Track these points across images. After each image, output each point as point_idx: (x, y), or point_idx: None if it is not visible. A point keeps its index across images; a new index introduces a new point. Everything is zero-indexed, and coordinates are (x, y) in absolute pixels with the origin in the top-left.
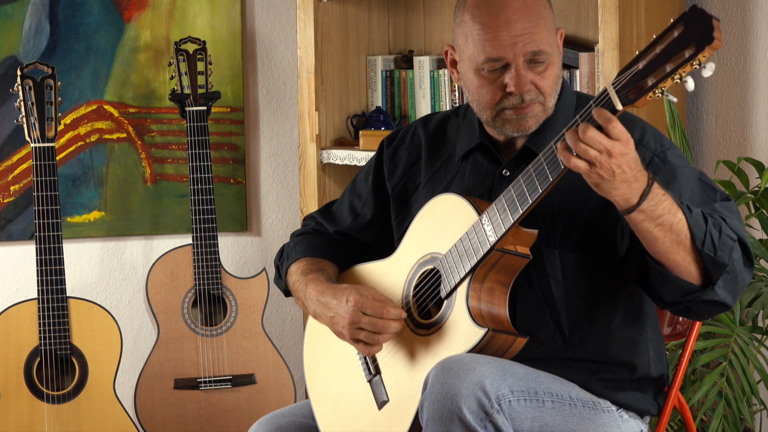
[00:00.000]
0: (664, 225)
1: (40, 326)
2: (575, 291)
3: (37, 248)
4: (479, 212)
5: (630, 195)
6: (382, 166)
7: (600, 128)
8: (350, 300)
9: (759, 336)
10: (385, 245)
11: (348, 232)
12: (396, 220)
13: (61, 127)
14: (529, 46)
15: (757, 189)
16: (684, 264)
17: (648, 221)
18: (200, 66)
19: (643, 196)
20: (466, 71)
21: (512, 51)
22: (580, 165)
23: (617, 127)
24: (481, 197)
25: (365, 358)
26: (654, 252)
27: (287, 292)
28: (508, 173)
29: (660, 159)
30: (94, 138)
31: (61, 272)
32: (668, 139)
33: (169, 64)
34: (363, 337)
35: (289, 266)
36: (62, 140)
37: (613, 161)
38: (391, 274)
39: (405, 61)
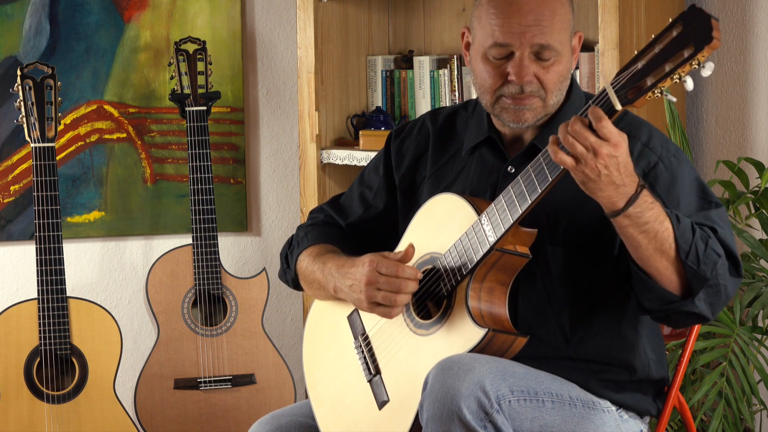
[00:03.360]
0: (649, 233)
1: (40, 326)
2: (577, 289)
3: (37, 248)
4: (478, 212)
5: (616, 199)
6: (390, 157)
7: (590, 126)
8: (365, 261)
9: (759, 336)
10: (396, 237)
11: (359, 224)
12: (402, 212)
13: (61, 127)
14: (537, 38)
15: (757, 189)
16: (666, 273)
17: (632, 227)
18: (200, 66)
19: (630, 202)
20: (475, 54)
21: (519, 39)
22: (565, 160)
23: (607, 127)
24: (485, 193)
25: (365, 357)
26: (637, 258)
27: (295, 282)
28: (513, 170)
29: (664, 164)
30: (94, 138)
31: (61, 272)
32: (675, 144)
33: (169, 64)
34: (380, 298)
35: (300, 253)
36: (62, 140)
37: (599, 161)
38: None
39: (405, 61)
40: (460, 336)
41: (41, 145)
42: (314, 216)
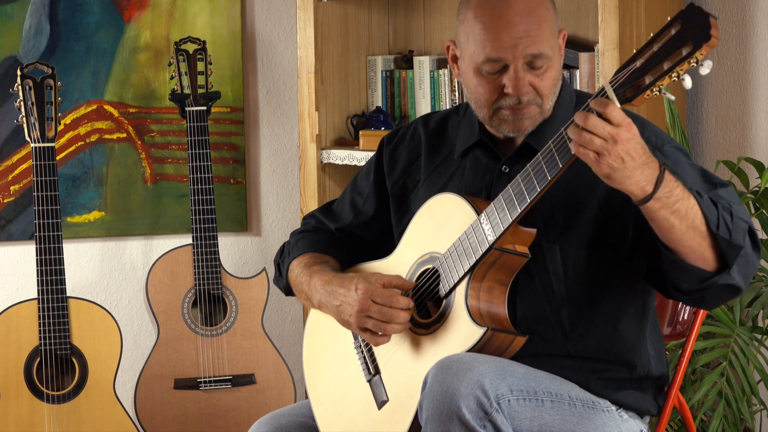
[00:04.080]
0: (680, 211)
1: (40, 326)
2: (576, 286)
3: (37, 248)
4: (478, 211)
5: (644, 183)
6: (382, 163)
7: (600, 116)
8: (359, 288)
9: (759, 336)
10: (387, 242)
11: (349, 229)
12: (395, 217)
13: (61, 127)
14: (530, 49)
15: (757, 189)
16: (699, 249)
17: (664, 209)
18: (200, 66)
19: (658, 183)
20: (466, 69)
21: (512, 53)
22: (590, 154)
23: (615, 111)
24: (480, 194)
25: (364, 357)
26: (669, 240)
27: (288, 290)
28: (507, 170)
29: (661, 152)
30: (94, 138)
31: (61, 272)
32: (667, 134)
33: (169, 64)
34: (371, 325)
35: (291, 262)
36: (62, 140)
37: (620, 147)
38: (390, 273)
39: (405, 61)
40: (459, 335)
41: (41, 145)
42: (306, 222)
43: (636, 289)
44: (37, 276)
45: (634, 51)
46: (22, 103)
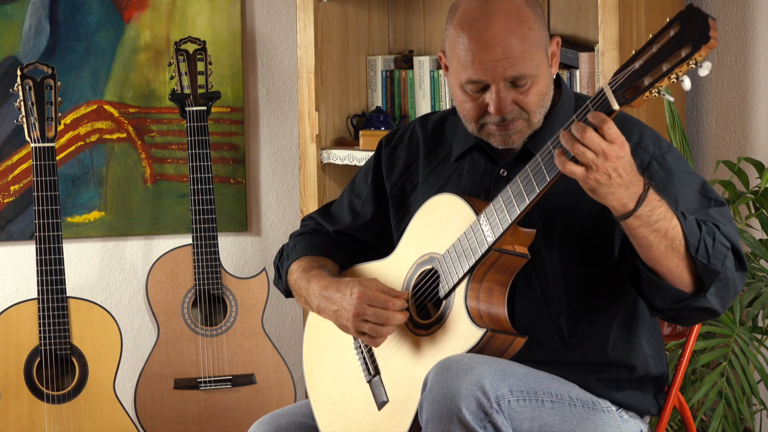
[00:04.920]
0: (660, 231)
1: (40, 326)
2: (574, 292)
3: (37, 248)
4: (477, 212)
5: (627, 200)
6: (380, 165)
7: (595, 130)
8: (354, 292)
9: (759, 336)
10: (385, 244)
11: (348, 232)
12: (395, 219)
13: (61, 127)
14: (509, 72)
15: (757, 189)
16: (677, 271)
17: (644, 227)
18: (200, 66)
19: (640, 201)
20: (453, 84)
21: (492, 75)
22: (576, 171)
23: (612, 128)
24: (477, 196)
25: (364, 358)
26: (648, 258)
27: (287, 293)
28: (505, 173)
29: (658, 162)
30: (94, 138)
31: (61, 272)
32: (667, 141)
33: (169, 64)
34: (367, 329)
35: (290, 265)
36: (62, 140)
37: (609, 164)
38: (390, 274)
39: (405, 61)
40: (458, 336)
41: (41, 145)
42: (305, 224)
43: (630, 293)
44: (37, 276)
45: (634, 51)
46: (22, 103)
